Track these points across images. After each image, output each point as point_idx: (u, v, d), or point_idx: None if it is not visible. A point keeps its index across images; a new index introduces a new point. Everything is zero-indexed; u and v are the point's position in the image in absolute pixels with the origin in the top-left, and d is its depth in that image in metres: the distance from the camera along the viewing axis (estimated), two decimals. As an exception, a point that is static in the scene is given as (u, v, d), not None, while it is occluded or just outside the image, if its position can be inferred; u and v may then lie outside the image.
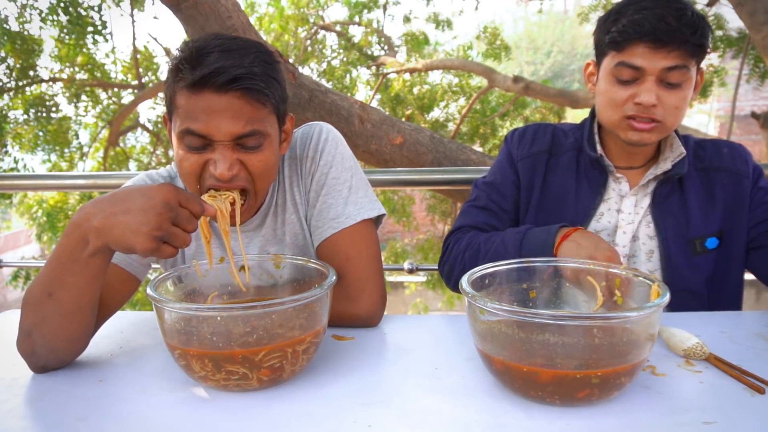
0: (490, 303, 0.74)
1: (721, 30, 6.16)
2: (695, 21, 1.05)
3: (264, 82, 0.94)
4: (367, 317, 1.06)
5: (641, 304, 0.82)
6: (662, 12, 1.05)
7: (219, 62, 0.90)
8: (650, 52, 1.06)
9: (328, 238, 1.10)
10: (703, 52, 1.09)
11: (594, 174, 1.24)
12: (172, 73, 0.96)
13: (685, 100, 1.11)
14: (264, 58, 0.96)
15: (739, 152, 1.24)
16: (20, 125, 6.11)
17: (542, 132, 1.31)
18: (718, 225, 1.19)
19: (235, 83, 0.91)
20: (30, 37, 5.50)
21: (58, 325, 0.87)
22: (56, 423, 0.75)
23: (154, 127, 7.02)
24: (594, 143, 1.24)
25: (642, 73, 1.08)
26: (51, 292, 0.85)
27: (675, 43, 1.05)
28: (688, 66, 1.07)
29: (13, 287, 5.66)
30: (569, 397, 0.72)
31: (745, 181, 1.20)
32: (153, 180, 1.14)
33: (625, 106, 1.12)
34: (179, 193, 0.81)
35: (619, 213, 1.22)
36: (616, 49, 1.10)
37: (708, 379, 0.81)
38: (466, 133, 6.91)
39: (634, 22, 1.06)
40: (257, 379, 0.78)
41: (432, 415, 0.74)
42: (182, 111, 0.94)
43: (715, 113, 13.07)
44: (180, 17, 2.69)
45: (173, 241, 0.80)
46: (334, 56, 8.08)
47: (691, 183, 1.20)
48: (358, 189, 1.12)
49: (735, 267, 1.21)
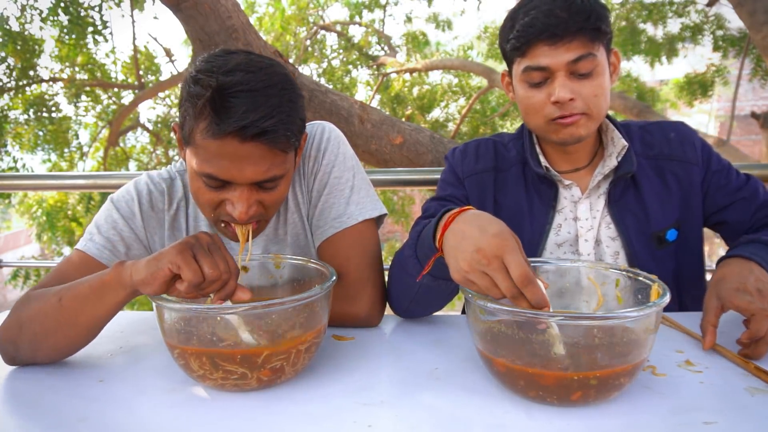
0: (490, 303, 0.74)
1: (722, 30, 6.17)
2: (586, 7, 1.03)
3: (290, 129, 0.91)
4: (366, 317, 1.06)
5: (641, 304, 0.82)
6: (549, 7, 1.03)
7: (244, 112, 0.85)
8: (550, 50, 1.04)
9: (330, 238, 1.10)
10: (603, 35, 1.06)
11: (543, 187, 1.19)
12: (191, 106, 0.89)
13: (601, 86, 1.07)
14: (289, 96, 0.92)
15: (687, 135, 1.20)
16: (20, 125, 6.11)
17: (484, 148, 1.25)
18: (675, 215, 1.17)
19: (262, 137, 0.87)
20: (30, 37, 5.50)
21: (52, 331, 0.87)
22: (56, 423, 0.74)
23: (154, 127, 7.02)
24: (537, 156, 1.18)
25: (550, 72, 1.06)
26: (61, 297, 0.86)
27: (570, 34, 1.02)
28: (593, 53, 1.04)
29: (12, 287, 5.66)
30: (569, 397, 0.72)
31: (695, 169, 1.17)
32: (154, 182, 1.13)
33: (546, 110, 1.08)
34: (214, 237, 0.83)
35: (576, 221, 1.17)
36: (519, 55, 1.08)
37: (708, 379, 0.81)
38: (467, 133, 6.92)
39: (526, 25, 1.04)
40: (257, 379, 0.78)
41: (432, 415, 0.74)
42: (202, 152, 0.90)
43: (715, 113, 13.08)
44: (180, 17, 2.69)
45: (184, 268, 0.77)
46: (334, 56, 8.08)
47: (643, 175, 1.17)
48: (360, 189, 1.12)
49: (694, 257, 1.19)
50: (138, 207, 1.09)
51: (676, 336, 0.97)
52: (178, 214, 1.13)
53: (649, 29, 6.69)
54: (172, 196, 1.13)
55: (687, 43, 6.65)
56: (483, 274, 0.77)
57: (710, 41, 6.26)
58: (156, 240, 1.11)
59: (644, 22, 6.56)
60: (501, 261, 0.76)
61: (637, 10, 6.48)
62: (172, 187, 1.14)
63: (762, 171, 1.78)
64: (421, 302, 1.04)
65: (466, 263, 0.78)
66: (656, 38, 6.65)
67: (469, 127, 6.93)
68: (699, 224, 1.19)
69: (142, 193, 1.10)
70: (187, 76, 0.93)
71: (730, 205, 1.17)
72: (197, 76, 0.89)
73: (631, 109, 5.91)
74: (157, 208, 1.11)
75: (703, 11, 6.23)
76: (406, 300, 1.04)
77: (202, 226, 1.13)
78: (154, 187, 1.12)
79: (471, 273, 0.78)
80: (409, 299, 1.04)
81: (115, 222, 1.07)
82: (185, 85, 0.92)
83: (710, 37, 6.24)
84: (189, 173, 0.98)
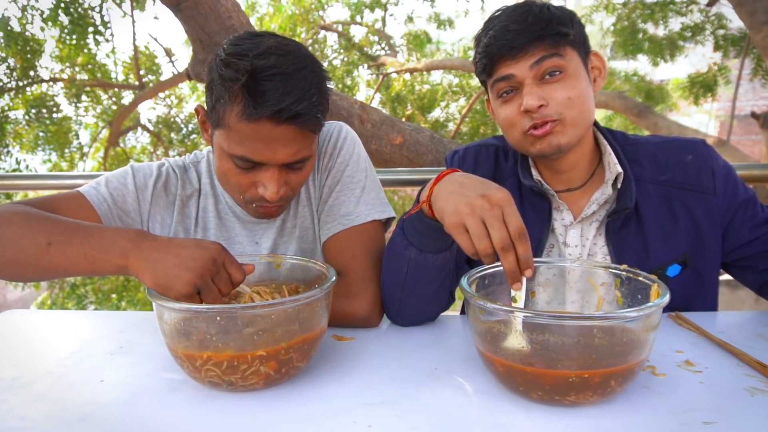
0: (490, 303, 0.74)
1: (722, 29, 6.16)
2: (543, 16, 1.01)
3: (320, 111, 0.94)
4: (366, 317, 1.06)
5: (641, 304, 0.82)
6: (504, 23, 1.02)
7: (281, 95, 0.88)
8: (512, 61, 1.02)
9: (336, 235, 1.11)
10: (567, 39, 1.02)
11: (538, 201, 1.14)
12: (225, 90, 0.91)
13: (575, 88, 1.01)
14: (319, 79, 0.94)
15: (705, 160, 1.10)
16: (21, 125, 6.11)
17: (484, 156, 1.21)
18: (681, 249, 1.08)
19: (296, 119, 0.91)
20: (32, 37, 5.50)
21: (25, 264, 0.86)
22: (56, 423, 0.74)
23: (155, 128, 7.02)
24: (528, 168, 1.14)
25: (517, 81, 1.03)
26: (51, 242, 0.84)
27: (529, 43, 1.00)
28: (558, 53, 1.01)
29: (13, 287, 5.67)
30: (569, 397, 0.72)
31: (711, 199, 1.08)
32: (173, 167, 1.16)
33: (520, 123, 1.04)
34: (227, 256, 0.83)
35: (565, 247, 1.12)
36: (487, 75, 1.07)
37: (708, 379, 0.81)
38: (467, 133, 6.92)
39: (486, 45, 1.04)
40: (257, 379, 0.78)
41: (432, 415, 0.74)
42: (235, 134, 0.93)
43: (715, 113, 13.07)
44: (180, 17, 2.69)
45: (206, 294, 0.80)
46: (335, 56, 8.08)
47: (648, 204, 1.08)
48: (371, 190, 1.14)
49: (706, 295, 1.11)
50: (153, 183, 1.11)
51: (676, 336, 0.97)
52: (189, 202, 1.15)
53: (649, 29, 6.69)
54: (186, 184, 1.16)
55: (688, 43, 6.64)
56: (479, 222, 0.79)
57: (711, 41, 6.25)
58: (157, 220, 1.12)
59: (645, 22, 6.55)
60: (501, 211, 0.79)
61: (639, 10, 6.48)
62: (185, 174, 1.17)
63: (762, 171, 1.78)
64: (412, 291, 1.01)
65: (468, 206, 0.80)
66: (657, 37, 6.64)
67: (470, 127, 6.93)
68: (716, 259, 1.10)
69: (162, 173, 1.14)
70: (216, 60, 0.94)
71: (755, 239, 1.08)
72: (228, 60, 0.91)
73: (631, 110, 5.90)
74: (170, 191, 1.14)
75: (704, 11, 6.22)
76: (397, 290, 1.03)
77: (210, 218, 1.15)
78: (173, 171, 1.15)
79: (470, 216, 0.80)
80: (400, 287, 1.02)
81: (126, 186, 1.09)
82: (215, 68, 0.94)
83: (711, 37, 6.24)
84: (217, 154, 1.00)
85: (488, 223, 0.79)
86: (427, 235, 0.95)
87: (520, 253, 0.78)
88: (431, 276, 1.00)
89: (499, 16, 1.06)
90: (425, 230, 0.95)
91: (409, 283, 1.01)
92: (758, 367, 0.83)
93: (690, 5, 6.28)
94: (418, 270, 0.99)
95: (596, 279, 0.91)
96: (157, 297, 0.80)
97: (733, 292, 4.93)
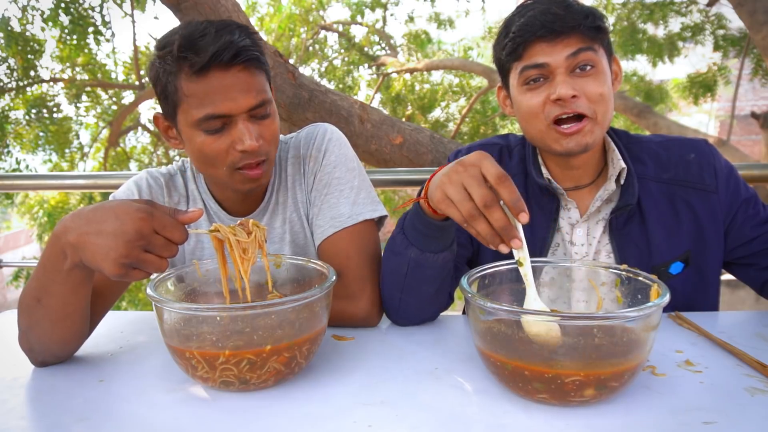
0: (490, 303, 0.74)
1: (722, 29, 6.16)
2: (583, 8, 1.01)
3: (258, 51, 0.99)
4: (366, 317, 1.06)
5: (641, 304, 0.82)
6: (546, 7, 1.01)
7: (213, 41, 0.93)
8: (549, 46, 1.00)
9: (329, 237, 1.10)
10: (603, 35, 1.02)
11: (545, 201, 1.13)
12: (169, 66, 0.95)
13: (605, 84, 1.01)
14: (247, 31, 0.99)
15: (707, 158, 1.10)
16: (21, 125, 6.11)
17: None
18: (684, 247, 1.08)
19: (239, 57, 0.94)
20: (32, 37, 5.50)
21: (49, 329, 0.88)
22: (56, 423, 0.75)
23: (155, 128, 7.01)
24: (539, 166, 1.13)
25: (549, 71, 1.01)
26: (39, 298, 0.86)
27: (568, 29, 0.99)
28: (593, 47, 1.00)
29: (14, 287, 5.67)
30: (569, 397, 0.72)
31: (713, 197, 1.08)
32: (153, 177, 1.15)
33: (546, 110, 1.02)
34: (155, 220, 0.76)
35: (571, 245, 1.12)
36: (516, 58, 1.04)
37: (708, 379, 0.81)
38: (467, 133, 6.92)
39: (523, 26, 1.02)
40: (257, 379, 0.78)
41: (432, 415, 0.74)
42: (194, 99, 0.95)
43: (715, 113, 13.06)
44: (180, 17, 2.69)
45: (145, 267, 0.77)
46: (335, 56, 8.08)
47: (651, 202, 1.08)
48: (361, 190, 1.13)
49: (707, 293, 1.11)
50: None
51: (676, 336, 0.97)
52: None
53: (649, 29, 6.69)
54: (171, 191, 1.15)
55: (688, 43, 6.64)
56: (460, 187, 0.79)
57: (711, 41, 6.25)
58: None
59: (644, 23, 6.56)
60: (479, 169, 0.79)
61: (639, 10, 6.48)
62: (171, 181, 1.16)
63: (762, 171, 1.78)
64: (412, 290, 1.01)
65: (446, 176, 0.82)
66: (657, 38, 6.64)
67: (470, 127, 6.93)
68: (717, 257, 1.10)
69: (142, 188, 1.13)
70: (152, 58, 1.00)
71: (757, 237, 1.08)
72: (159, 47, 0.97)
73: (632, 109, 5.90)
74: (157, 201, 1.12)
75: (704, 11, 6.22)
76: (397, 290, 1.02)
77: (200, 223, 1.14)
78: (154, 181, 1.15)
79: (449, 185, 0.81)
80: (400, 287, 1.02)
81: None
82: (154, 62, 0.99)
83: (711, 37, 6.24)
84: (188, 138, 1.00)
85: (466, 184, 0.79)
86: (427, 234, 0.96)
87: (505, 198, 0.76)
88: (431, 276, 1.00)
89: (536, 1, 1.04)
90: (425, 230, 0.95)
91: (409, 282, 1.01)
92: (758, 367, 0.83)
93: (690, 5, 6.28)
94: (418, 270, 0.99)
95: (596, 279, 0.91)
96: (157, 297, 0.80)
97: (733, 292, 4.92)
